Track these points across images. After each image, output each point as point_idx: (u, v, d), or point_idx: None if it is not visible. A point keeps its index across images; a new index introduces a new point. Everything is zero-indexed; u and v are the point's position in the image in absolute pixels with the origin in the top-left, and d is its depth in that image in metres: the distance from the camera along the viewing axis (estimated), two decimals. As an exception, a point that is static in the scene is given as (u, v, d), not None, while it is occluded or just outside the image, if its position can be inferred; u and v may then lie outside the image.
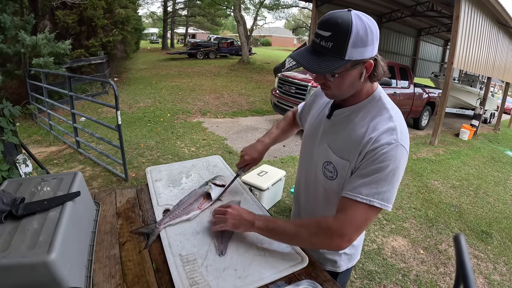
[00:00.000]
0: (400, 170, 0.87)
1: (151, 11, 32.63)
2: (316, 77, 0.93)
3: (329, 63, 0.82)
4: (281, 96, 6.52)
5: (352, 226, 0.89)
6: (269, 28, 38.72)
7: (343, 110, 0.99)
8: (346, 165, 0.94)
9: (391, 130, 0.88)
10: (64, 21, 7.92)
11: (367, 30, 0.80)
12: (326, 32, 0.81)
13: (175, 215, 1.14)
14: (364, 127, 0.92)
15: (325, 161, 1.00)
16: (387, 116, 0.91)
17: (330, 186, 1.01)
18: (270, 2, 21.93)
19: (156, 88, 9.59)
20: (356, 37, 0.79)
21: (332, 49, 0.81)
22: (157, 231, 1.08)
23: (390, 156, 0.85)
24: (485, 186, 4.90)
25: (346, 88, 0.91)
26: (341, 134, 0.97)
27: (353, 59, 0.82)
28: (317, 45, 0.84)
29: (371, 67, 0.87)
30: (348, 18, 0.79)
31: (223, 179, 1.37)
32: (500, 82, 12.95)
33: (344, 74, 0.86)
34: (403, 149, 0.87)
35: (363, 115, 0.94)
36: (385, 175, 0.85)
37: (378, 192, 0.86)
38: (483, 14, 7.15)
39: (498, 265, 2.97)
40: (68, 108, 4.51)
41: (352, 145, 0.92)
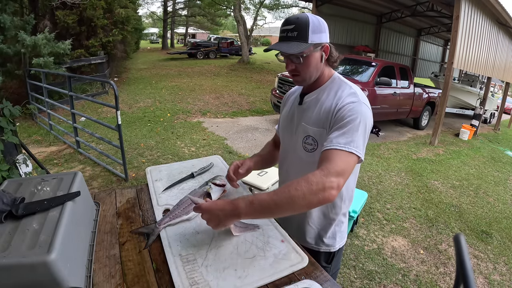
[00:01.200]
0: (367, 123, 1.03)
1: (151, 11, 32.62)
2: (287, 65, 1.09)
3: (297, 46, 1.01)
4: (281, 96, 6.51)
5: (337, 172, 0.91)
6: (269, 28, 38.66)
7: (311, 93, 1.17)
8: (323, 132, 1.09)
9: (352, 94, 1.07)
10: (64, 21, 7.91)
11: (319, 21, 1.04)
12: (290, 26, 1.02)
13: (175, 215, 1.14)
14: (332, 99, 1.09)
15: (304, 136, 1.15)
16: (347, 87, 1.11)
17: (312, 158, 1.13)
18: (270, 2, 21.93)
19: (156, 88, 9.59)
20: (313, 25, 1.01)
21: (297, 36, 1.01)
22: (157, 231, 1.08)
23: (356, 110, 1.01)
24: (485, 186, 4.90)
25: (312, 69, 1.08)
26: (314, 110, 1.13)
27: (314, 42, 1.03)
28: (285, 37, 1.04)
29: (328, 49, 1.08)
30: (304, 14, 1.03)
31: (223, 179, 1.37)
32: (500, 82, 12.95)
33: (309, 55, 1.05)
34: (366, 106, 1.04)
35: (329, 92, 1.12)
36: (356, 125, 0.99)
37: (353, 140, 0.97)
38: (483, 14, 7.15)
39: (498, 265, 2.97)
40: (68, 108, 4.51)
41: (324, 115, 1.09)
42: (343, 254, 2.78)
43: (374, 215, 3.55)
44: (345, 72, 7.02)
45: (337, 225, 1.25)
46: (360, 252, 2.89)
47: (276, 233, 1.11)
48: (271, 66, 17.12)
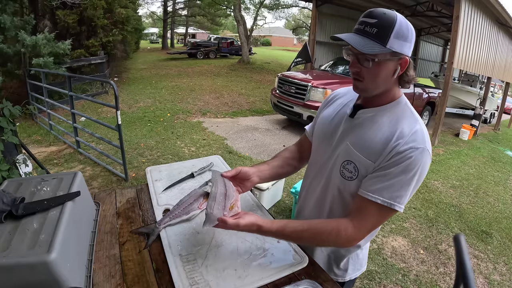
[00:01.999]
0: (423, 175, 0.88)
1: (151, 11, 32.63)
2: (352, 64, 0.91)
3: (372, 46, 0.83)
4: (281, 96, 6.51)
5: (368, 227, 0.91)
6: (269, 28, 38.69)
7: (368, 110, 0.97)
8: (370, 165, 0.91)
9: (417, 133, 0.88)
10: (64, 21, 7.92)
11: (408, 27, 0.84)
12: (372, 19, 0.83)
13: (175, 215, 1.13)
14: (391, 129, 0.90)
15: (344, 160, 0.97)
16: (413, 119, 0.91)
17: (346, 186, 0.98)
18: (270, 2, 21.92)
19: (156, 88, 9.59)
20: (399, 29, 0.83)
21: (376, 35, 0.83)
22: (157, 231, 1.08)
23: (416, 160, 0.85)
24: (485, 186, 4.90)
25: (379, 81, 0.90)
26: (366, 133, 0.94)
27: (393, 49, 0.83)
28: (361, 30, 0.85)
29: (406, 64, 0.88)
30: (394, 12, 0.84)
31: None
32: (500, 82, 12.94)
33: (381, 62, 0.86)
34: (428, 155, 0.87)
35: (390, 117, 0.93)
36: (409, 179, 0.86)
37: (400, 195, 0.86)
38: (483, 14, 7.14)
39: (498, 265, 2.97)
40: (68, 108, 4.51)
41: (378, 146, 0.90)
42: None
43: (374, 215, 3.55)
44: (345, 73, 7.02)
45: (351, 258, 1.14)
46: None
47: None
48: (271, 66, 17.12)
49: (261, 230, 0.92)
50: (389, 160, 0.87)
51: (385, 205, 0.86)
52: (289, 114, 6.50)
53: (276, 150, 5.33)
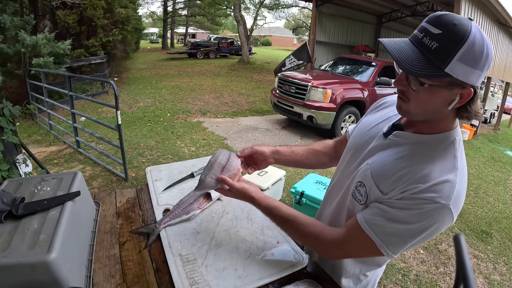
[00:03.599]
0: (432, 235, 0.74)
1: (151, 11, 32.62)
2: (398, 80, 0.76)
3: (424, 66, 0.66)
4: (281, 96, 6.52)
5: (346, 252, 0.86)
6: (269, 28, 38.71)
7: (406, 134, 0.82)
8: (378, 195, 0.80)
9: (449, 185, 0.71)
10: (64, 21, 7.92)
11: (483, 49, 0.64)
12: (435, 29, 0.65)
13: (175, 215, 1.13)
14: (420, 165, 0.74)
15: (359, 180, 0.86)
16: (451, 165, 0.74)
17: (355, 208, 0.88)
18: (270, 2, 21.94)
19: (156, 88, 9.59)
20: (469, 50, 0.63)
21: (434, 52, 0.65)
22: (157, 231, 1.08)
23: (429, 214, 0.70)
24: (485, 186, 4.90)
25: (428, 109, 0.73)
26: (390, 160, 0.81)
27: (453, 76, 0.65)
28: (418, 41, 0.68)
29: (468, 96, 0.69)
30: (468, 24, 0.64)
31: None
32: (500, 82, 12.94)
33: (433, 88, 0.69)
34: (449, 214, 0.70)
35: (426, 151, 0.77)
36: (412, 230, 0.73)
37: (393, 242, 0.76)
38: (483, 14, 7.15)
39: (498, 265, 2.97)
40: (68, 108, 4.51)
41: (396, 177, 0.77)
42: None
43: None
44: (345, 72, 7.02)
45: (354, 281, 1.04)
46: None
47: (276, 233, 1.11)
48: (271, 66, 17.12)
49: (253, 201, 0.96)
50: (401, 199, 0.74)
51: (375, 243, 0.77)
52: (289, 114, 6.50)
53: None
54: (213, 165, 1.01)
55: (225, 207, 1.25)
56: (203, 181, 1.01)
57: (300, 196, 2.96)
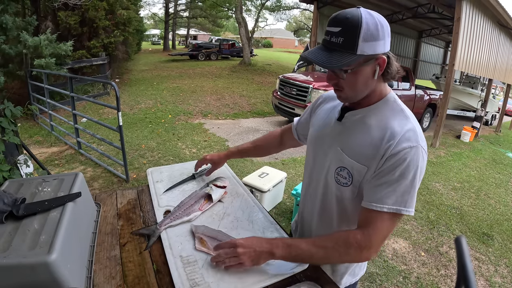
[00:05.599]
0: (422, 172, 0.85)
1: (153, 13, 32.78)
2: (328, 77, 0.90)
3: (341, 58, 0.79)
4: (282, 98, 6.52)
5: (379, 238, 0.86)
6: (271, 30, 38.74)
7: (355, 112, 0.94)
8: (363, 170, 0.88)
9: (411, 132, 0.84)
10: (66, 22, 7.96)
11: (377, 24, 0.79)
12: (335, 28, 0.80)
13: (175, 216, 1.14)
14: (382, 130, 0.87)
15: (338, 166, 0.94)
16: (404, 117, 0.88)
17: (343, 193, 0.95)
18: (271, 4, 21.97)
19: (158, 89, 9.61)
20: (366, 31, 0.77)
21: (343, 44, 0.79)
22: (157, 232, 1.08)
23: (413, 161, 0.82)
24: (486, 188, 4.89)
25: (359, 87, 0.87)
26: (355, 137, 0.91)
27: (365, 54, 0.79)
28: (328, 42, 0.82)
29: (384, 63, 0.84)
30: (358, 13, 0.78)
31: (224, 181, 1.37)
32: (502, 83, 12.93)
33: (356, 70, 0.83)
34: (423, 152, 0.84)
35: (378, 117, 0.90)
36: (409, 181, 0.82)
37: (404, 200, 0.83)
38: (484, 15, 7.15)
39: (499, 267, 2.96)
40: (69, 109, 4.52)
41: (370, 149, 0.87)
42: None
43: (375, 217, 3.54)
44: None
45: (351, 273, 1.11)
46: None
47: (277, 235, 1.10)
48: (272, 67, 17.13)
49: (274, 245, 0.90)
50: (384, 165, 0.84)
51: (392, 211, 0.83)
52: (290, 116, 6.50)
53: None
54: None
55: (226, 209, 1.25)
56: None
57: (301, 197, 2.96)
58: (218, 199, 1.29)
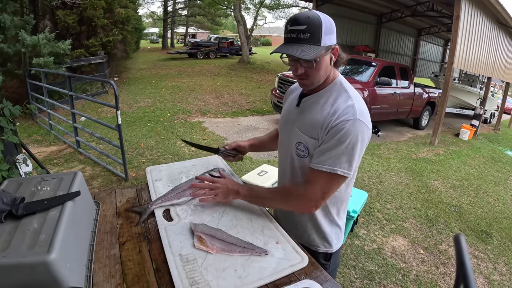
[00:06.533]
0: (359, 142, 1.00)
1: (151, 11, 32.59)
2: (296, 68, 1.03)
3: (312, 50, 0.95)
4: (281, 96, 6.52)
5: (318, 192, 1.06)
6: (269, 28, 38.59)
7: (310, 96, 1.13)
8: (314, 143, 1.07)
9: (350, 107, 1.01)
10: (64, 21, 7.92)
11: (330, 21, 0.98)
12: (301, 26, 0.94)
13: (166, 198, 1.24)
14: (328, 108, 1.05)
15: (296, 142, 1.14)
16: (346, 96, 1.05)
17: (303, 163, 1.14)
18: (270, 2, 21.87)
19: (156, 88, 9.59)
20: (326, 26, 0.95)
21: (310, 38, 0.94)
22: (148, 210, 1.19)
23: (349, 130, 0.98)
24: (485, 186, 4.90)
25: (322, 73, 1.03)
26: (308, 116, 1.10)
27: (326, 45, 0.97)
28: (295, 39, 0.96)
29: (337, 51, 1.03)
30: (315, 13, 0.96)
31: (221, 171, 1.40)
32: (500, 82, 12.94)
33: (321, 59, 0.99)
34: (361, 123, 0.99)
35: (327, 98, 1.08)
36: (344, 147, 0.99)
37: (340, 162, 1.00)
38: (484, 14, 7.14)
39: (498, 265, 2.97)
40: (68, 108, 4.51)
41: (318, 124, 1.05)
42: (343, 254, 2.78)
43: (374, 215, 3.56)
44: (345, 72, 7.02)
45: (332, 227, 1.25)
46: (360, 252, 2.89)
47: (276, 233, 1.10)
48: (271, 66, 17.12)
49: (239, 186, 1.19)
50: (327, 135, 1.02)
51: (329, 171, 1.01)
52: (289, 114, 6.49)
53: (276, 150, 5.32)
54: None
55: (225, 207, 1.25)
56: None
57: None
58: None
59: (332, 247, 1.27)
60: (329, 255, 1.29)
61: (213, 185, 1.18)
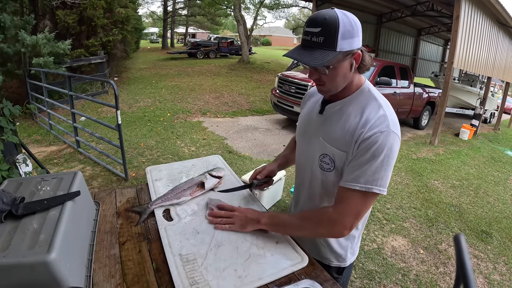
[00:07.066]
0: (393, 156, 0.92)
1: (151, 11, 32.55)
2: (310, 73, 0.97)
3: (323, 56, 0.86)
4: (281, 96, 6.52)
5: (351, 214, 0.96)
6: (269, 28, 38.63)
7: (334, 103, 1.03)
8: (342, 155, 0.98)
9: (382, 118, 0.92)
10: (64, 20, 7.92)
11: (351, 23, 0.87)
12: (315, 28, 0.86)
13: (166, 198, 1.24)
14: (357, 117, 0.96)
15: (321, 154, 1.04)
16: (377, 105, 0.96)
17: (327, 177, 1.05)
18: (270, 2, 21.88)
19: (156, 88, 9.59)
20: (344, 29, 0.85)
21: (324, 43, 0.86)
22: (148, 210, 1.19)
23: (383, 143, 0.89)
24: (485, 186, 4.90)
25: (339, 80, 0.95)
26: (334, 126, 1.01)
27: (343, 50, 0.87)
28: (309, 42, 0.89)
29: (359, 57, 0.92)
30: (334, 13, 0.86)
31: (220, 171, 1.42)
32: (500, 82, 12.95)
33: (337, 65, 0.91)
34: (394, 135, 0.91)
35: (355, 106, 0.98)
36: (379, 162, 0.90)
37: (375, 179, 0.91)
38: (483, 14, 7.14)
39: (498, 265, 2.97)
40: (68, 108, 4.51)
41: (347, 135, 0.96)
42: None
43: (374, 215, 3.56)
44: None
45: (347, 240, 1.18)
46: (360, 252, 2.89)
47: (276, 233, 1.11)
48: (271, 65, 17.12)
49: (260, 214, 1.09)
50: (358, 148, 0.93)
51: (363, 190, 0.92)
52: (289, 114, 6.50)
53: (276, 149, 5.33)
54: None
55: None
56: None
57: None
58: (210, 188, 1.34)
59: (345, 261, 1.21)
60: (342, 269, 1.22)
61: (231, 213, 1.11)
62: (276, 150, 5.32)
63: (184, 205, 1.24)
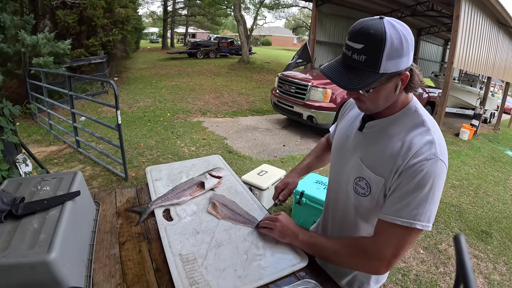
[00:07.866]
0: (439, 187, 0.81)
1: (151, 11, 32.55)
2: (348, 92, 0.88)
3: (362, 78, 0.76)
4: (281, 96, 6.52)
5: (390, 249, 0.84)
6: (269, 28, 38.63)
7: (376, 122, 0.92)
8: (380, 181, 0.87)
9: (429, 144, 0.81)
10: (64, 20, 7.92)
11: (401, 40, 0.74)
12: (358, 45, 0.75)
13: (166, 198, 1.24)
14: (400, 141, 0.85)
15: (357, 176, 0.94)
16: (424, 129, 0.84)
17: (361, 203, 0.95)
18: (270, 2, 21.89)
19: (156, 88, 9.59)
20: (390, 49, 0.73)
21: (366, 63, 0.75)
22: (148, 210, 1.20)
23: (430, 173, 0.79)
24: (485, 185, 4.90)
25: (381, 102, 0.86)
26: (375, 148, 0.91)
27: (388, 72, 0.76)
28: (349, 58, 0.79)
29: (407, 79, 0.81)
30: (381, 27, 0.73)
31: (220, 171, 1.44)
32: (500, 81, 12.94)
33: (378, 88, 0.81)
34: (442, 164, 0.80)
35: (398, 128, 0.88)
36: (425, 194, 0.79)
37: (419, 213, 0.80)
38: (483, 14, 7.14)
39: (498, 265, 2.97)
40: (68, 108, 4.50)
41: (388, 160, 0.85)
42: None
43: (374, 215, 3.55)
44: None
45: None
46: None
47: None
48: (271, 65, 17.11)
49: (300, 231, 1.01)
50: (401, 177, 0.82)
51: (405, 225, 0.81)
52: (289, 114, 6.50)
53: (276, 149, 5.33)
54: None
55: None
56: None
57: (300, 196, 2.97)
58: (210, 188, 1.35)
59: None
60: None
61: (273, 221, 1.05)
62: (276, 150, 5.31)
63: (184, 205, 1.24)
